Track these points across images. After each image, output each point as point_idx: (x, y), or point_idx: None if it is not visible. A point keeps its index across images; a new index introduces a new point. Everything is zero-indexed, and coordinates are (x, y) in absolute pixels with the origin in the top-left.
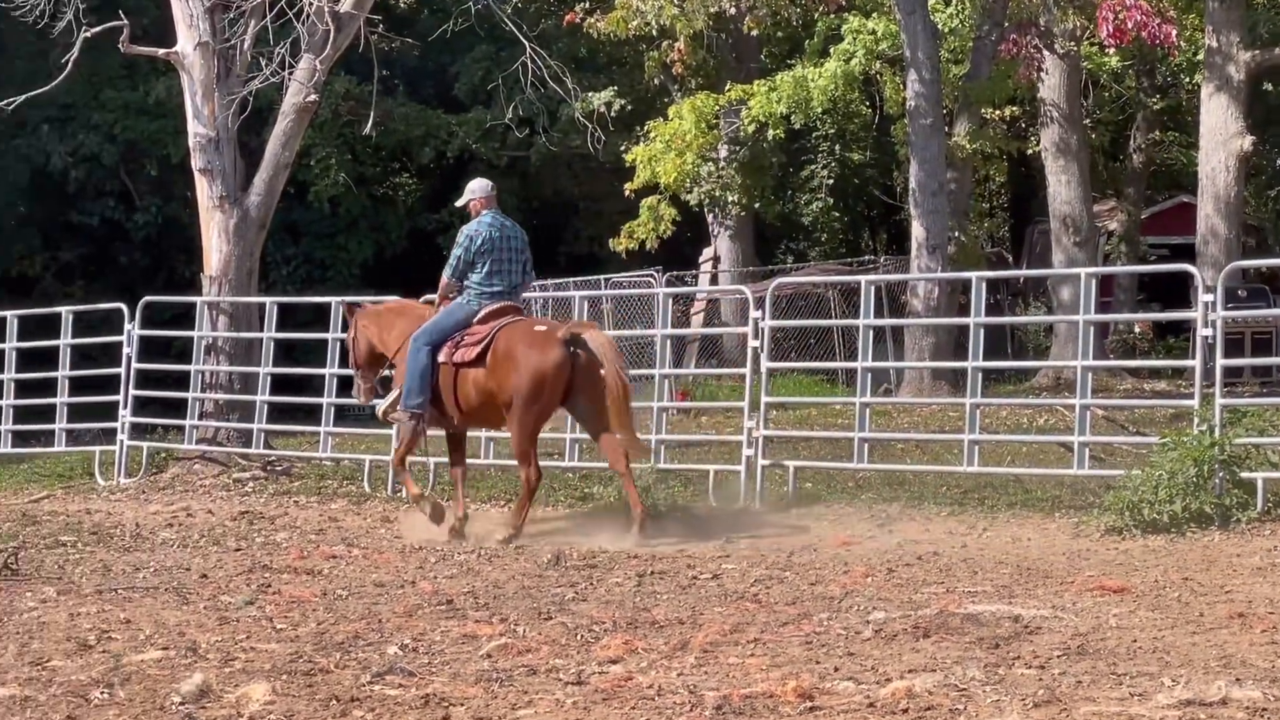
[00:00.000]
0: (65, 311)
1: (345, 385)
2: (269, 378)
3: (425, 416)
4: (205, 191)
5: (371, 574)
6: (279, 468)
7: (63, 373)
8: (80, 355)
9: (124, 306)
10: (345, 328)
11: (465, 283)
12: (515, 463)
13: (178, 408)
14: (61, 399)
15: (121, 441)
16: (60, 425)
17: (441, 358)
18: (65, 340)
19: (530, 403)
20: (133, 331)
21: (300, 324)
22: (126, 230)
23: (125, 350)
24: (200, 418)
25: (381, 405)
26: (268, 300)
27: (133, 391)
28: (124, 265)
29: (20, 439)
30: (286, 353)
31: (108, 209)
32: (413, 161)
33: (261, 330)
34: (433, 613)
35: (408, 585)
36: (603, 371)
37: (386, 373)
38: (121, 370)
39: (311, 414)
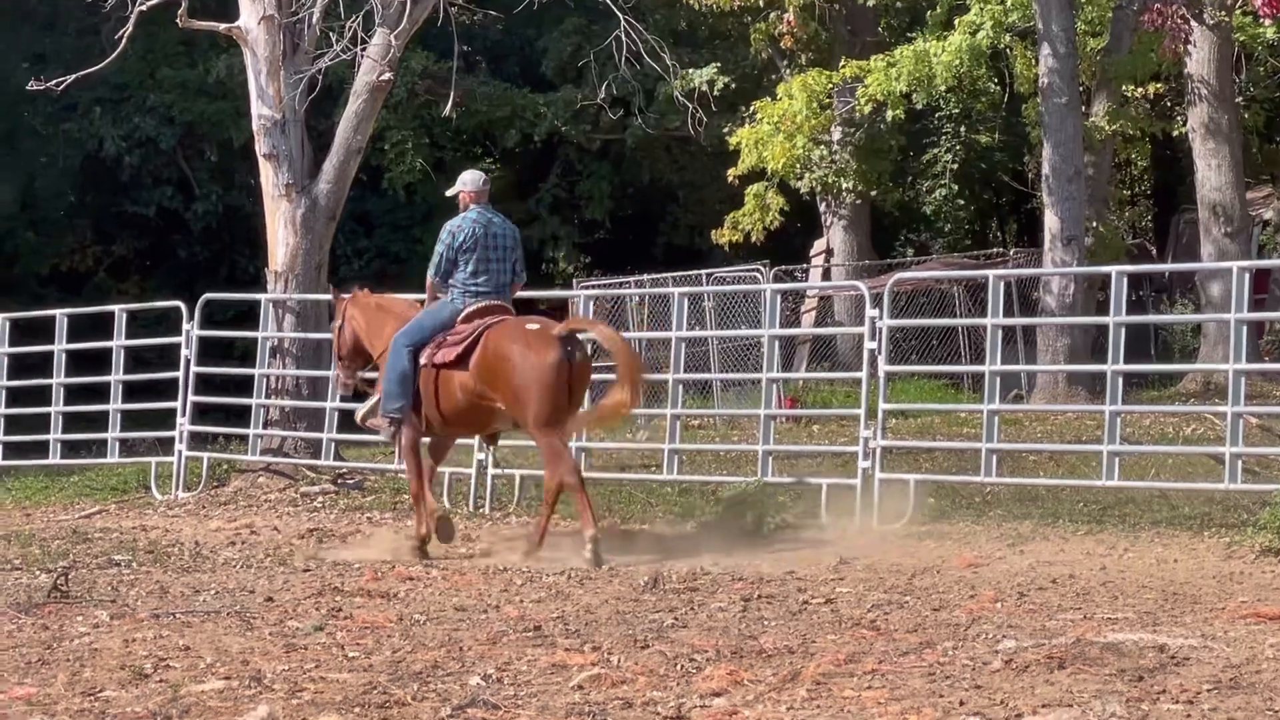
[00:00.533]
0: (118, 310)
1: None
2: (330, 383)
3: (405, 422)
4: (270, 179)
5: (452, 597)
6: (350, 481)
7: (116, 377)
8: (135, 358)
9: (182, 305)
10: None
11: (450, 281)
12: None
13: (240, 415)
14: (115, 405)
15: (179, 452)
16: (113, 434)
17: (423, 360)
18: (119, 341)
19: (539, 402)
20: (191, 332)
21: None
22: (185, 221)
23: (183, 352)
24: (265, 426)
25: (360, 410)
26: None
27: (191, 397)
28: (182, 259)
29: (71, 449)
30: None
31: (164, 198)
32: (496, 145)
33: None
34: (518, 640)
35: (491, 610)
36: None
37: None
38: (179, 374)
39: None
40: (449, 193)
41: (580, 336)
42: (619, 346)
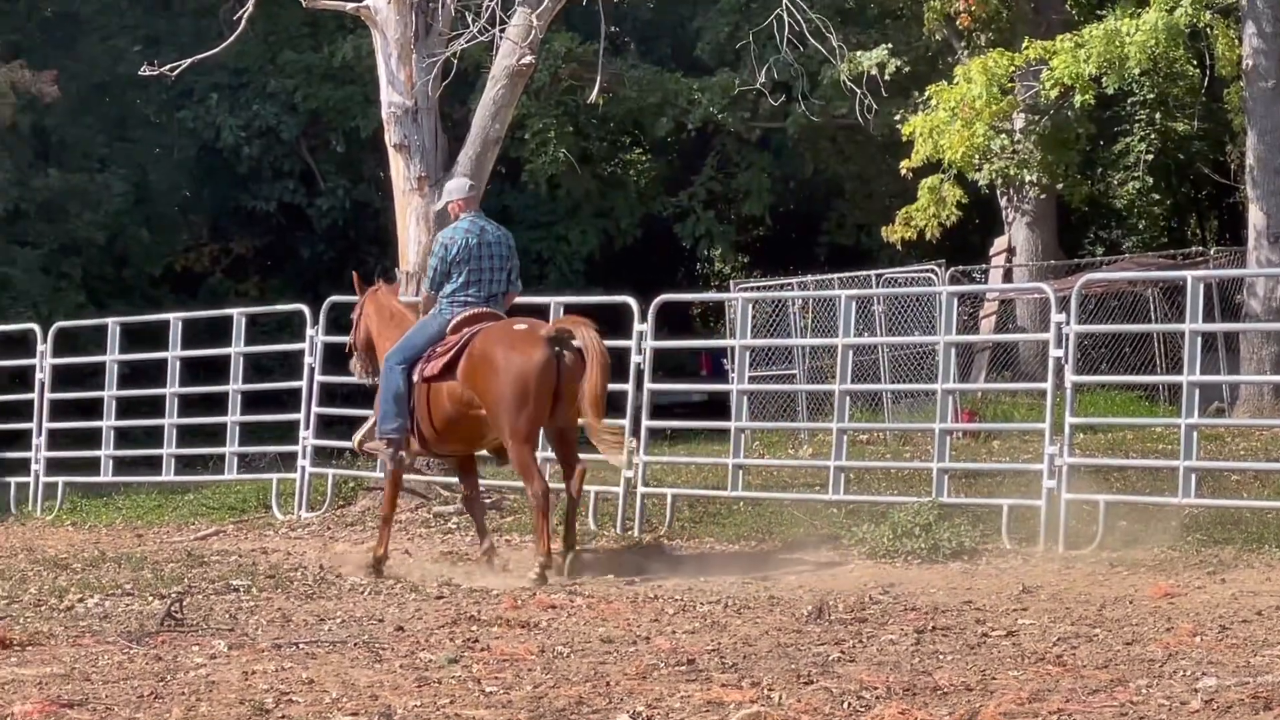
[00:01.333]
0: (237, 314)
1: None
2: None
3: (404, 443)
4: (401, 171)
5: (597, 627)
6: (488, 500)
7: (234, 386)
8: (255, 366)
9: (305, 308)
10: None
11: (440, 294)
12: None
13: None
14: (233, 418)
15: (303, 468)
16: (231, 449)
17: (414, 376)
18: (237, 348)
19: (518, 409)
20: (316, 338)
21: None
22: (308, 217)
23: (307, 360)
24: None
25: (357, 435)
26: None
27: (316, 409)
28: (305, 259)
29: (185, 465)
30: None
31: (286, 192)
32: (646, 135)
33: None
34: (670, 674)
35: (640, 641)
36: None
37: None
38: (303, 384)
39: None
40: (435, 207)
41: (575, 338)
42: (594, 355)
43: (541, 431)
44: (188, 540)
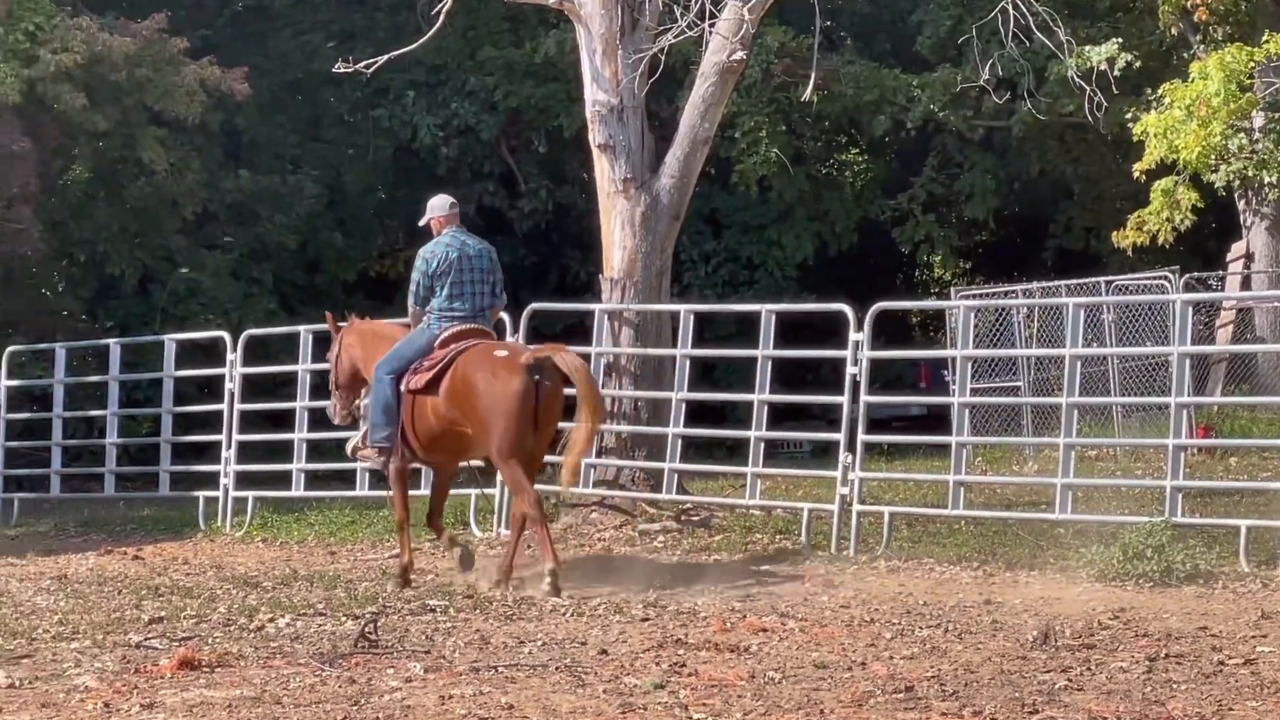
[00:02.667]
0: None
1: (778, 416)
2: (683, 405)
3: (396, 451)
4: (606, 173)
5: (811, 652)
6: (695, 517)
7: None
8: None
9: (504, 316)
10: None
11: (427, 308)
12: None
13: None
14: None
15: (502, 484)
16: None
17: (403, 387)
18: None
19: (500, 432)
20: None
21: (721, 338)
22: (509, 221)
23: None
24: (598, 454)
25: (350, 442)
26: (682, 308)
27: None
28: (506, 264)
29: (380, 479)
30: (704, 374)
31: (486, 194)
32: (862, 134)
33: (674, 345)
34: (887, 702)
35: (856, 667)
36: (576, 394)
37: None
38: None
39: (735, 451)
40: (420, 223)
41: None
42: (580, 376)
43: None
44: (382, 558)
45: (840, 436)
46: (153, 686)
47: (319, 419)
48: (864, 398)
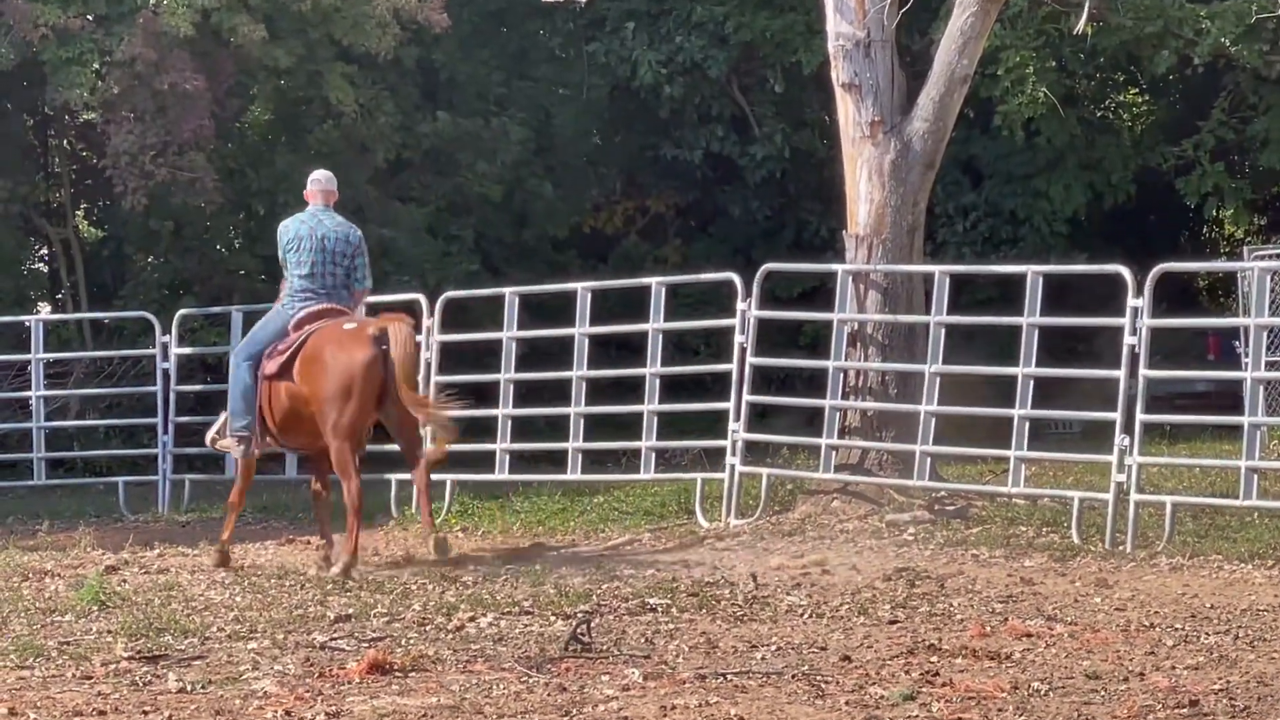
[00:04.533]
0: (655, 283)
1: (1044, 392)
2: (936, 379)
3: (255, 440)
4: (850, 116)
5: (1081, 660)
6: (950, 507)
7: (652, 370)
8: (675, 345)
9: (735, 277)
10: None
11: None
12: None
13: (809, 420)
14: (650, 407)
15: (732, 467)
16: (648, 443)
17: (260, 372)
18: (655, 324)
19: (341, 407)
20: (748, 312)
21: (980, 303)
22: (739, 169)
23: (737, 338)
24: (840, 435)
25: (210, 433)
26: (936, 269)
27: (748, 396)
28: (735, 219)
29: (593, 461)
30: (960, 344)
31: (714, 139)
32: (1142, 72)
33: (927, 311)
34: (1168, 718)
35: (1133, 678)
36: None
37: None
38: (733, 366)
39: (997, 431)
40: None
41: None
42: (402, 350)
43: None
44: (596, 550)
45: (1116, 416)
46: (339, 692)
47: (526, 393)
48: (1143, 372)
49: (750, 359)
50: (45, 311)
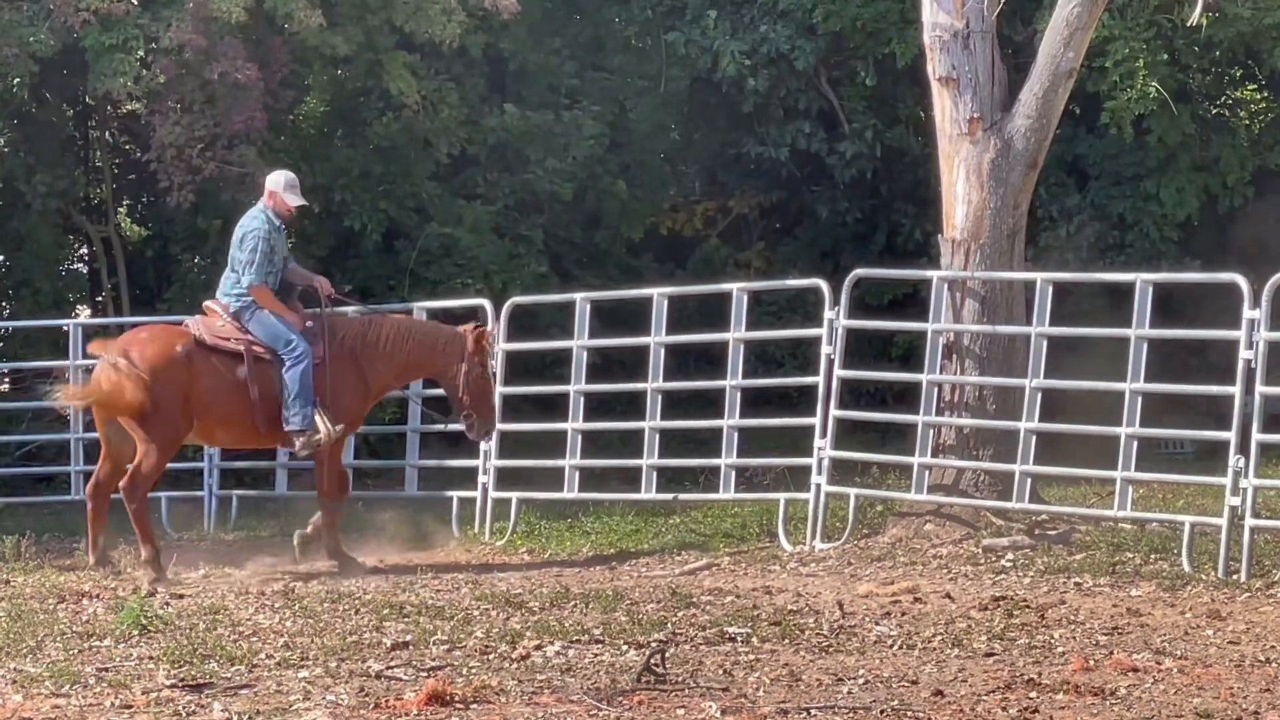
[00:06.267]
0: (737, 289)
1: (1155, 409)
2: (1038, 394)
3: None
4: (947, 112)
5: (1192, 698)
6: (1052, 531)
7: (732, 382)
8: (758, 356)
9: (823, 283)
10: None
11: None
12: None
13: (901, 437)
14: (730, 422)
15: (817, 486)
16: (728, 461)
17: None
18: (737, 333)
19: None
20: (836, 321)
21: (1085, 313)
22: (828, 168)
23: (824, 349)
24: (934, 453)
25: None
26: (1039, 277)
27: (835, 411)
28: (823, 221)
29: (670, 480)
30: (1063, 357)
31: (800, 136)
32: (1262, 66)
33: (1029, 323)
34: None
35: (1247, 716)
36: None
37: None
38: (819, 379)
39: (1102, 450)
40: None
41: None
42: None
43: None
44: (672, 575)
45: (1230, 436)
46: None
47: (597, 405)
48: (1260, 388)
49: (838, 371)
50: (84, 314)
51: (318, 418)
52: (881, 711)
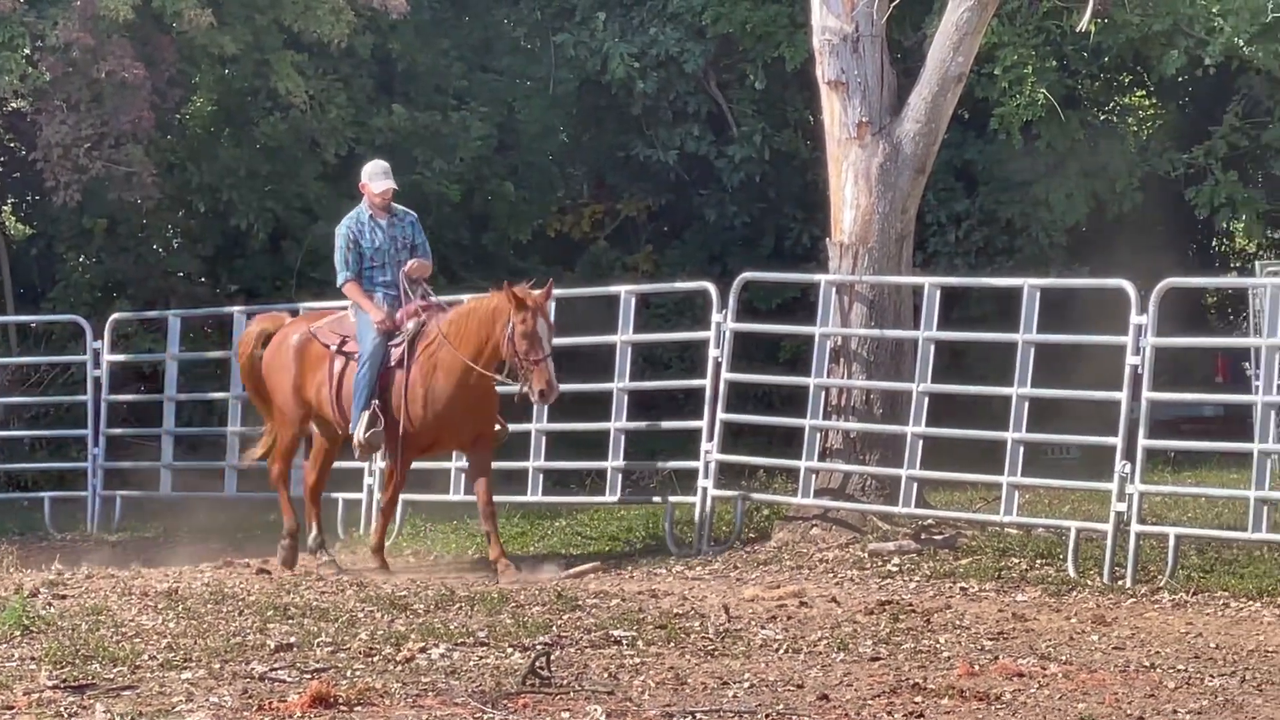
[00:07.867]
0: (624, 293)
1: (1040, 414)
2: (925, 399)
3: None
4: (836, 116)
5: (1077, 703)
6: (939, 536)
7: (619, 384)
8: (644, 357)
9: (710, 286)
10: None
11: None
12: None
13: (786, 441)
14: (617, 424)
15: (704, 490)
16: (614, 464)
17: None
18: (624, 336)
19: None
20: (723, 324)
21: (973, 319)
22: (717, 171)
23: (712, 352)
24: (821, 458)
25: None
26: (926, 281)
27: (721, 415)
28: (711, 224)
29: (556, 482)
30: (950, 361)
31: (689, 139)
32: (1151, 73)
33: (916, 327)
34: None
35: None
36: None
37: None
38: (706, 382)
39: (989, 455)
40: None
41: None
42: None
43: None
44: (558, 578)
45: (1117, 441)
46: None
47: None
48: (1146, 394)
49: (725, 374)
50: None
51: (364, 418)
52: (766, 715)
